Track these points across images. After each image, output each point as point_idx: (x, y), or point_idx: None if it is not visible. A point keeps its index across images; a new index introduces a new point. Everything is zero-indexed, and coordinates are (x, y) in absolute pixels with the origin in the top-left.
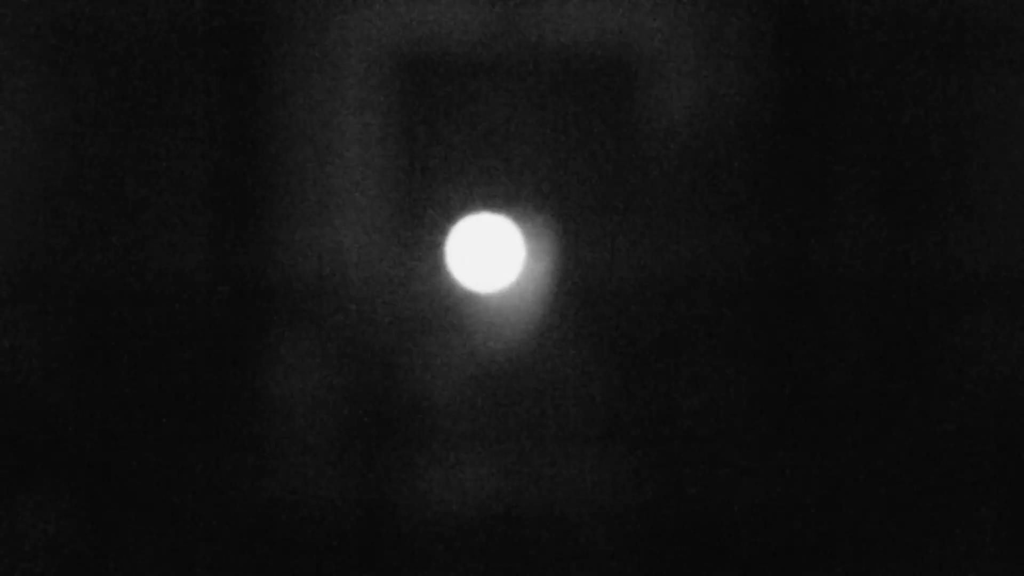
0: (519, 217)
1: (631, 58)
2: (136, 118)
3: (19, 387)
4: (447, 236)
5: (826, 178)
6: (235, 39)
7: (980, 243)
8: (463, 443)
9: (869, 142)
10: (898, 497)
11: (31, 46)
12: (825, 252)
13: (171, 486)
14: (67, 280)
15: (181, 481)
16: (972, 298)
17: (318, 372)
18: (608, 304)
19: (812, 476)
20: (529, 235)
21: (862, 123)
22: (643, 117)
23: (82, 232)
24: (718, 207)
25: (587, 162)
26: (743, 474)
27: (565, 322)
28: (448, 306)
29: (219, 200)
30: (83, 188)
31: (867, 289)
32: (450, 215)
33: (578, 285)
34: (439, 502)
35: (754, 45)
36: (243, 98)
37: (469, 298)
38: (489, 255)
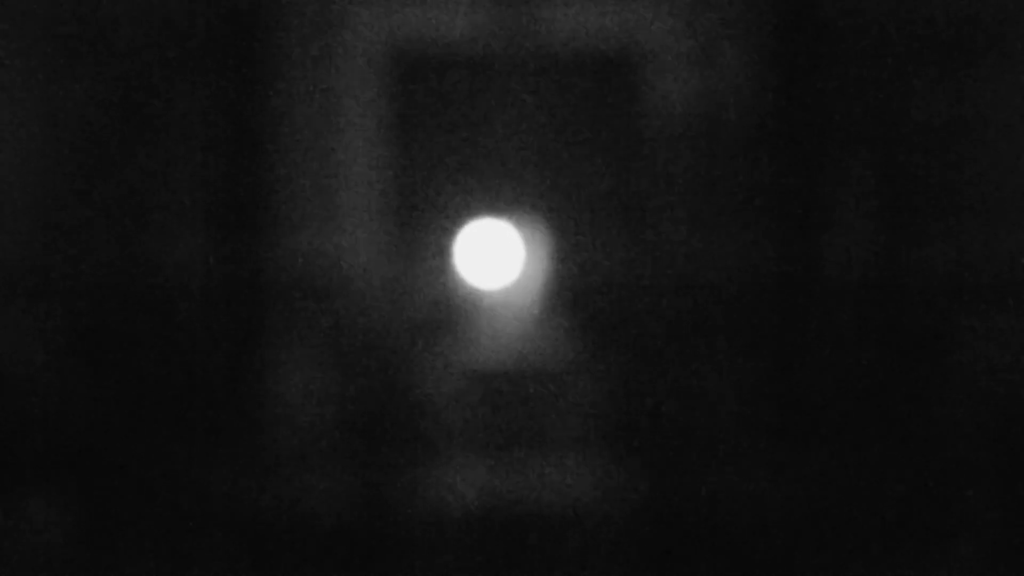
0: (519, 221)
1: (630, 58)
2: (136, 119)
3: (19, 387)
4: (453, 239)
5: (825, 179)
6: (237, 41)
7: (980, 243)
8: (463, 443)
9: (869, 142)
10: (898, 496)
11: (31, 46)
12: (824, 252)
13: (171, 486)
14: (67, 280)
15: (181, 481)
16: (972, 298)
17: (320, 372)
18: (605, 304)
19: (811, 476)
20: (528, 237)
21: (862, 123)
22: (642, 119)
23: (82, 232)
24: (716, 208)
25: (585, 164)
26: (741, 474)
27: (563, 320)
28: (454, 302)
29: (226, 202)
30: (83, 188)
31: (867, 289)
32: (455, 219)
33: (575, 285)
34: (439, 501)
35: (753, 47)
36: (247, 100)
37: (473, 295)
38: (491, 256)
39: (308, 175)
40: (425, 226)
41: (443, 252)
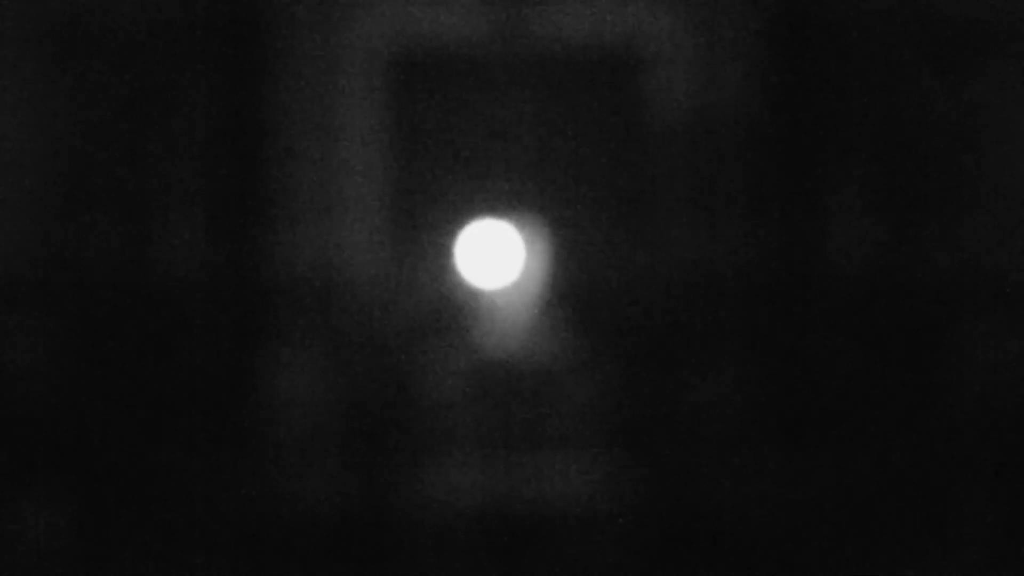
0: (519, 221)
1: (630, 58)
2: (137, 119)
3: (19, 387)
4: (453, 239)
5: (825, 178)
6: (238, 41)
7: (980, 243)
8: (463, 442)
9: (868, 141)
10: (897, 496)
11: (31, 46)
12: (824, 252)
13: (170, 486)
14: (67, 280)
15: (181, 481)
16: (972, 297)
17: (320, 372)
18: (606, 304)
19: (811, 476)
20: (528, 237)
21: (861, 123)
22: (641, 119)
23: (82, 232)
24: (715, 208)
25: (585, 164)
26: (741, 474)
27: (563, 320)
28: (454, 302)
29: (227, 202)
30: (83, 188)
31: (868, 289)
32: (455, 219)
33: (575, 285)
34: (439, 501)
35: (753, 47)
36: (248, 100)
37: (473, 295)
38: (491, 256)
39: (308, 175)
40: (425, 226)
41: (443, 252)
